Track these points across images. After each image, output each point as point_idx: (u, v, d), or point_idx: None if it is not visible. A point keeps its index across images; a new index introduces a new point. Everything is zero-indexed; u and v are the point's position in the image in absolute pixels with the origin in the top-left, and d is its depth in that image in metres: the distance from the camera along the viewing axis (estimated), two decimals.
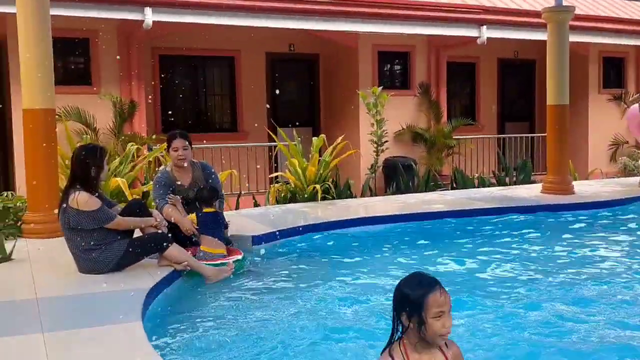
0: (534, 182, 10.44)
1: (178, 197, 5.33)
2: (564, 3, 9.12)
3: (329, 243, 6.25)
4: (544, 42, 9.06)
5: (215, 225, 5.23)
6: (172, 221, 5.20)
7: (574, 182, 9.10)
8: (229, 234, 5.51)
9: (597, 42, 13.04)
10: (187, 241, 5.24)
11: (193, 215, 5.26)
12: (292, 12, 10.06)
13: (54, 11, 6.49)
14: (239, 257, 5.21)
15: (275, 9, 9.92)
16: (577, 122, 13.14)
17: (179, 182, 5.47)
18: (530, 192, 8.85)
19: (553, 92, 8.70)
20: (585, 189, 9.18)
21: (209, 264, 4.96)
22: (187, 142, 5.44)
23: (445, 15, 11.18)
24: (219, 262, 5.04)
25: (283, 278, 4.99)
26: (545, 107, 9.02)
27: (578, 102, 13.12)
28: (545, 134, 9.40)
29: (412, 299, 2.27)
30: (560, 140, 8.79)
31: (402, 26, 11.04)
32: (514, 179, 10.55)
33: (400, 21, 10.98)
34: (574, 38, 10.33)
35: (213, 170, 5.74)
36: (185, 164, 5.45)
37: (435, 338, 2.29)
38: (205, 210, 5.26)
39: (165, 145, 5.77)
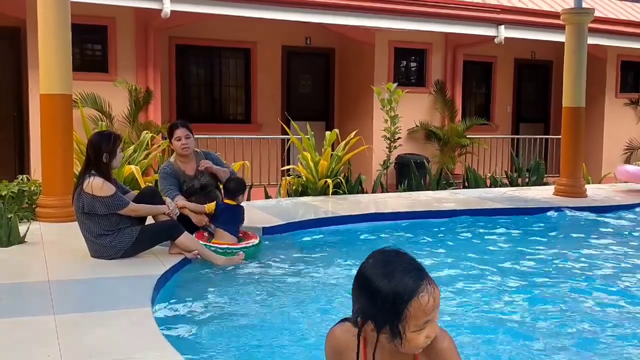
0: (546, 184, 10.39)
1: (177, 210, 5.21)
2: (584, 5, 9.06)
3: (338, 237, 6.27)
4: (562, 43, 9.01)
5: (232, 219, 5.24)
6: (185, 213, 5.26)
7: (586, 186, 9.05)
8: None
9: (615, 45, 12.93)
10: (199, 229, 5.29)
11: (212, 204, 5.28)
12: (309, 5, 10.06)
13: None
14: (255, 241, 5.26)
15: (293, 2, 9.92)
16: (592, 126, 13.06)
17: (184, 172, 5.51)
18: (542, 194, 8.82)
19: (569, 94, 8.65)
20: (598, 192, 9.13)
21: (220, 251, 4.99)
22: (189, 131, 5.48)
23: (463, 13, 11.13)
24: (233, 246, 5.09)
25: (292, 269, 5.01)
26: (561, 109, 8.97)
27: (594, 105, 13.03)
28: (560, 136, 9.35)
29: (386, 304, 1.57)
30: (574, 143, 8.74)
31: (420, 23, 11.00)
32: (527, 180, 10.52)
33: (418, 18, 10.93)
34: (592, 40, 10.27)
35: (215, 155, 5.77)
36: (189, 152, 5.49)
37: (413, 351, 1.68)
38: (226, 201, 5.28)
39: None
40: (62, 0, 6.06)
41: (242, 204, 5.38)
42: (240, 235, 5.36)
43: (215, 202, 5.32)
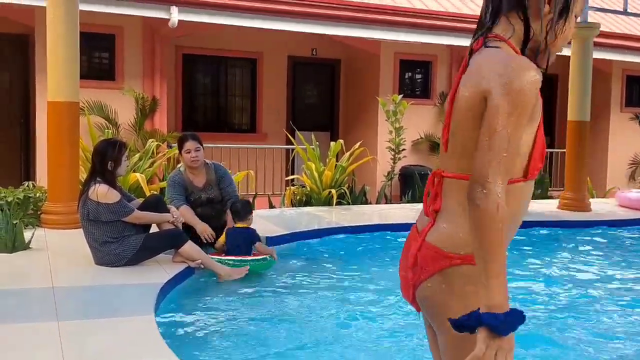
0: (551, 197, 10.38)
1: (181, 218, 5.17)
2: (589, 20, 9.08)
3: (342, 247, 6.28)
4: (567, 57, 9.02)
5: (244, 242, 5.16)
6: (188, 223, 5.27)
7: (591, 200, 9.04)
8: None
9: (621, 59, 12.94)
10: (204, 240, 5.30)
11: (222, 237, 5.23)
12: (316, 16, 10.11)
13: (82, 6, 6.60)
14: (267, 256, 5.14)
15: (300, 13, 9.98)
16: (597, 140, 13.05)
17: (192, 183, 5.53)
18: (546, 208, 8.81)
19: (574, 108, 8.67)
20: (602, 207, 9.11)
21: (231, 263, 4.98)
22: (198, 144, 5.49)
23: (468, 26, 11.16)
24: (245, 258, 5.06)
25: (295, 280, 5.02)
26: (566, 122, 8.97)
27: (599, 120, 13.02)
28: (565, 150, 9.35)
29: None
30: (579, 156, 8.74)
31: (425, 35, 11.05)
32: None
33: (424, 30, 10.98)
34: (597, 55, 10.28)
35: (224, 170, 5.76)
36: (198, 165, 5.51)
37: (560, 48, 1.69)
38: (238, 225, 5.24)
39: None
40: (70, 8, 6.11)
41: (252, 226, 5.30)
42: (255, 253, 5.22)
43: (224, 232, 5.26)
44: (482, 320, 1.41)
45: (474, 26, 1.75)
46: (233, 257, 5.04)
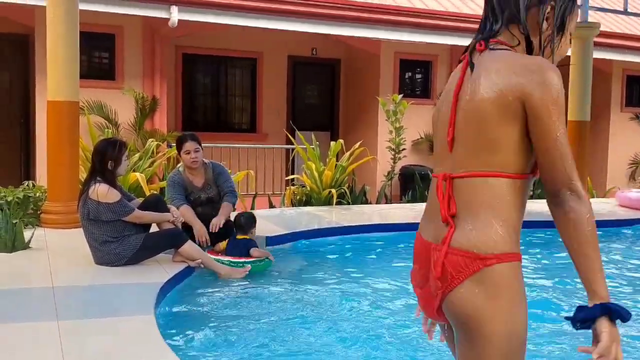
0: None
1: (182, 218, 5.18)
2: (590, 19, 9.09)
3: (342, 247, 6.28)
4: (567, 57, 9.01)
5: (243, 248, 5.17)
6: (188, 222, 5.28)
7: (591, 200, 9.02)
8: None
9: (621, 59, 12.94)
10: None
11: (224, 243, 5.28)
12: (316, 16, 10.11)
13: (82, 6, 6.60)
14: (264, 258, 5.15)
15: (300, 12, 9.98)
16: (597, 140, 13.05)
17: (192, 183, 5.53)
18: (546, 208, 8.76)
19: (574, 108, 8.68)
20: (602, 207, 9.11)
21: (226, 262, 4.99)
22: (197, 144, 5.49)
23: (470, 26, 11.17)
24: (242, 260, 5.07)
25: (296, 280, 5.02)
26: (566, 122, 8.97)
27: (599, 120, 13.02)
28: None
29: None
30: (579, 156, 8.74)
31: (426, 35, 11.05)
32: (531, 193, 10.50)
33: (424, 30, 10.98)
34: (597, 55, 10.28)
35: (222, 168, 5.76)
36: (198, 166, 5.51)
37: (562, 55, 1.76)
38: (239, 237, 5.25)
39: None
40: (70, 8, 6.12)
41: (254, 238, 5.31)
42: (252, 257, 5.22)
43: (227, 240, 5.29)
44: (611, 308, 1.41)
45: (475, 26, 1.76)
46: (232, 259, 5.04)
